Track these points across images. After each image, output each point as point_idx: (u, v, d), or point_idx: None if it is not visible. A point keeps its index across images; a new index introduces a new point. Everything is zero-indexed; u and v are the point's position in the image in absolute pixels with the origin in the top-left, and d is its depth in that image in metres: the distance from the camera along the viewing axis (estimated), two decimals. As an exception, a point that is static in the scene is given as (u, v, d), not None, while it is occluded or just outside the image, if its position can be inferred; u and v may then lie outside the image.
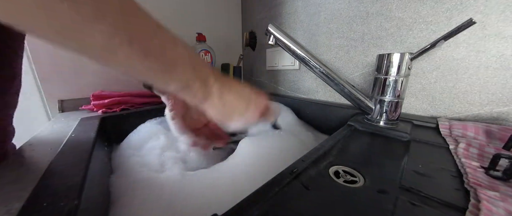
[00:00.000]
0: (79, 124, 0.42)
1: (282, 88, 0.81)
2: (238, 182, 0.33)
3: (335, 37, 0.60)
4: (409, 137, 0.36)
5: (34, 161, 0.27)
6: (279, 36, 0.45)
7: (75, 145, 0.31)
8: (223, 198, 0.30)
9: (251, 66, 0.94)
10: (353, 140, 0.37)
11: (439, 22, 0.42)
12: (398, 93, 0.39)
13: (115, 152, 0.43)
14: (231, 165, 0.38)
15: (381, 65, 0.40)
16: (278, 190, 0.22)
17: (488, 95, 0.39)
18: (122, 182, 0.33)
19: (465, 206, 0.19)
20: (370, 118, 0.44)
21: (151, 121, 0.53)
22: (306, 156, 0.29)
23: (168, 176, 0.35)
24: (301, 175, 0.25)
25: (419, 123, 0.43)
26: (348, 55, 0.58)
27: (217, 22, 0.86)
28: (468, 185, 0.22)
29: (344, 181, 0.24)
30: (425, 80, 0.46)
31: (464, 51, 0.40)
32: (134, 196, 0.30)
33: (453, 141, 0.33)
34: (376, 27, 0.51)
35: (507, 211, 0.18)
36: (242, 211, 0.19)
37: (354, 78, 0.58)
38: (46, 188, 0.20)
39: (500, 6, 0.35)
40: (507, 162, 0.23)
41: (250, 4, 0.88)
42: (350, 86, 0.45)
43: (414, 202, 0.20)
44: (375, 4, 0.50)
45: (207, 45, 0.72)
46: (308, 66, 0.45)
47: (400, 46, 0.48)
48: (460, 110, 0.42)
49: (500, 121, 0.38)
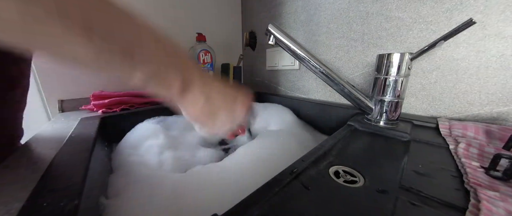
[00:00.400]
0: (79, 124, 0.42)
1: (282, 88, 0.81)
2: (238, 182, 0.33)
3: (335, 37, 0.60)
4: (409, 137, 0.36)
5: (34, 161, 0.27)
6: (279, 36, 0.45)
7: (75, 145, 0.31)
8: (223, 198, 0.30)
9: (251, 66, 0.94)
10: (353, 140, 0.37)
11: (439, 22, 0.42)
12: (398, 93, 0.39)
13: (115, 152, 0.43)
14: (231, 164, 0.38)
15: (381, 65, 0.40)
16: (278, 190, 0.22)
17: (488, 95, 0.39)
18: (121, 181, 0.33)
19: (465, 206, 0.19)
20: (370, 118, 0.44)
21: (149, 120, 0.53)
22: (306, 156, 0.29)
23: (167, 175, 0.35)
24: (301, 175, 0.25)
25: (419, 123, 0.43)
26: (348, 55, 0.58)
27: (217, 22, 0.86)
28: (468, 185, 0.22)
29: (344, 181, 0.24)
30: (425, 80, 0.46)
31: (464, 51, 0.40)
32: (134, 196, 0.30)
33: (453, 141, 0.33)
34: (376, 27, 0.51)
35: (507, 211, 0.18)
36: (242, 211, 0.19)
37: (354, 78, 0.58)
38: (46, 188, 0.20)
39: (500, 6, 0.35)
40: (507, 162, 0.23)
41: (250, 4, 0.88)
42: (350, 86, 0.45)
43: (414, 202, 0.20)
44: (375, 4, 0.50)
45: (207, 45, 0.72)
46: (308, 66, 0.45)
47: (400, 46, 0.48)
48: (460, 110, 0.42)
49: (500, 121, 0.38)
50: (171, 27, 0.73)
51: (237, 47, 0.97)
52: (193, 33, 0.71)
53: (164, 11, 0.70)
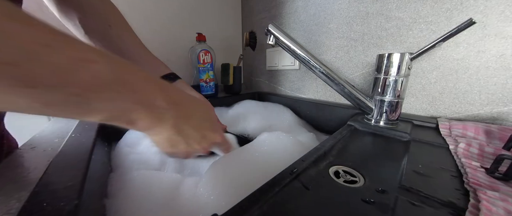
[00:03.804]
0: (79, 124, 0.42)
1: (282, 88, 0.81)
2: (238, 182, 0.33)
3: (335, 37, 0.60)
4: (409, 137, 0.36)
5: (34, 161, 0.27)
6: (279, 36, 0.45)
7: (75, 145, 0.31)
8: (223, 197, 0.30)
9: (251, 66, 0.94)
10: (353, 140, 0.37)
11: (439, 22, 0.42)
12: (398, 93, 0.39)
13: (115, 150, 0.43)
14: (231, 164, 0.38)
15: (381, 65, 0.40)
16: (278, 190, 0.22)
17: (488, 95, 0.39)
18: (121, 180, 0.33)
19: (465, 206, 0.19)
20: (370, 118, 0.44)
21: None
22: (306, 156, 0.29)
23: (167, 175, 0.35)
24: (301, 175, 0.25)
25: (419, 123, 0.43)
26: (348, 55, 0.58)
27: (217, 22, 0.86)
28: (468, 185, 0.22)
29: (344, 181, 0.24)
30: (425, 80, 0.46)
31: (464, 51, 0.40)
32: (133, 194, 0.30)
33: (453, 141, 0.33)
34: (376, 27, 0.51)
35: (507, 211, 0.18)
36: (242, 211, 0.19)
37: (354, 78, 0.58)
38: (46, 188, 0.20)
39: (500, 6, 0.35)
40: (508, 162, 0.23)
41: (250, 4, 0.88)
42: (350, 86, 0.45)
43: (414, 202, 0.20)
44: (375, 4, 0.50)
45: (207, 45, 0.72)
46: (308, 66, 0.45)
47: (400, 46, 0.48)
48: (460, 110, 0.42)
49: (500, 121, 0.38)
50: (171, 27, 0.73)
51: (237, 47, 0.97)
52: (193, 33, 0.71)
53: (164, 11, 0.70)
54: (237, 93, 0.81)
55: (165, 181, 0.33)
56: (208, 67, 0.70)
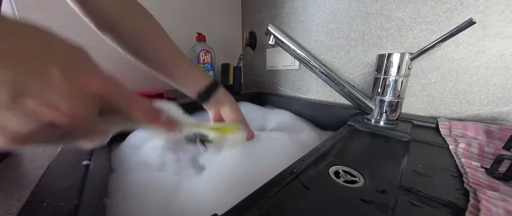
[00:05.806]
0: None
1: (282, 88, 0.81)
2: (238, 182, 0.33)
3: (335, 37, 0.60)
4: (409, 137, 0.36)
5: (34, 161, 0.27)
6: (279, 36, 0.45)
7: (75, 145, 0.31)
8: (223, 197, 0.30)
9: (251, 66, 0.94)
10: (353, 140, 0.37)
11: (439, 22, 0.42)
12: (398, 93, 0.39)
13: (116, 152, 0.43)
14: (231, 164, 0.38)
15: (381, 65, 0.40)
16: (278, 190, 0.22)
17: (488, 95, 0.39)
18: (122, 181, 0.33)
19: (465, 206, 0.19)
20: (370, 118, 0.44)
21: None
22: (306, 156, 0.29)
23: (168, 175, 0.35)
24: (301, 175, 0.25)
25: (419, 123, 0.43)
26: (348, 55, 0.58)
27: (217, 22, 0.86)
28: (468, 185, 0.22)
29: (344, 181, 0.24)
30: (425, 80, 0.46)
31: (464, 51, 0.40)
32: (134, 195, 0.30)
33: (453, 141, 0.33)
34: (376, 27, 0.51)
35: (507, 211, 0.18)
36: (242, 211, 0.19)
37: (354, 78, 0.58)
38: (46, 188, 0.20)
39: (500, 6, 0.35)
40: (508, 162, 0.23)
41: (250, 4, 0.88)
42: (350, 86, 0.45)
43: (414, 202, 0.20)
44: (375, 4, 0.50)
45: (207, 45, 0.72)
46: (308, 66, 0.46)
47: (400, 46, 0.48)
48: (460, 110, 0.42)
49: (500, 121, 0.38)
50: (171, 27, 0.73)
51: (237, 47, 0.97)
52: (193, 33, 0.71)
53: (164, 11, 0.70)
54: (237, 93, 0.81)
55: (165, 181, 0.33)
56: (208, 67, 0.70)
